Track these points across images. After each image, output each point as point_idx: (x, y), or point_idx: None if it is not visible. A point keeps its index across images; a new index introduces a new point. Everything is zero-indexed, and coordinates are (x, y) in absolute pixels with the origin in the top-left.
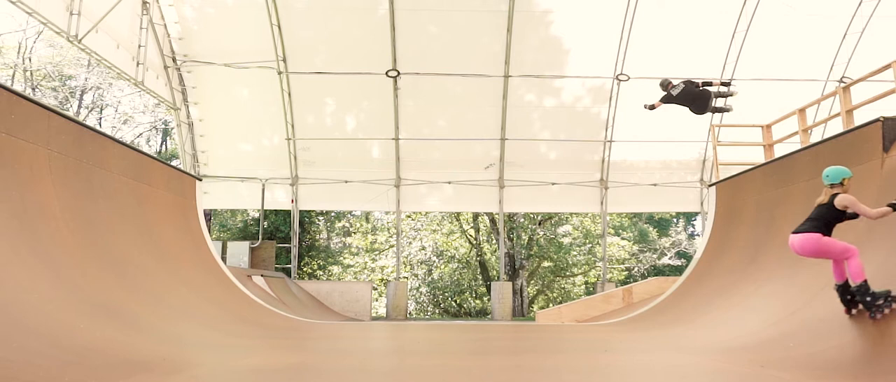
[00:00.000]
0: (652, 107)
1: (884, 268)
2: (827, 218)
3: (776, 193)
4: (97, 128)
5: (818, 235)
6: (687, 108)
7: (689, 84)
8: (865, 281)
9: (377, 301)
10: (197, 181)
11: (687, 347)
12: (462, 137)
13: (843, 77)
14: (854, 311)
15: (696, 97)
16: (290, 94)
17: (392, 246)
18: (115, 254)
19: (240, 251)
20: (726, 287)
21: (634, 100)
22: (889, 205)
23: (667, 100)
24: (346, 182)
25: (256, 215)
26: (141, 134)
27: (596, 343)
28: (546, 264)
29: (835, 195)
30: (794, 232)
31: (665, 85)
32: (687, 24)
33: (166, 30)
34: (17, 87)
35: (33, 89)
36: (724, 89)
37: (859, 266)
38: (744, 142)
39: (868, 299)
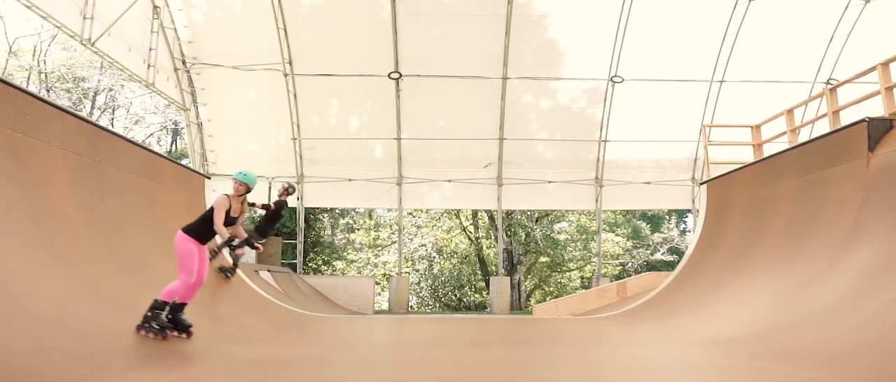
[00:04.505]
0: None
1: (879, 256)
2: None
3: (765, 191)
4: (109, 128)
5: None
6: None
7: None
8: (166, 303)
9: (380, 295)
10: (206, 179)
11: (678, 339)
12: (462, 137)
13: (830, 79)
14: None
15: (271, 219)
16: (295, 95)
17: (394, 243)
18: (126, 250)
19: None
20: (717, 281)
21: (628, 102)
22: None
23: (272, 208)
24: (350, 180)
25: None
26: (152, 134)
27: (591, 335)
28: (543, 259)
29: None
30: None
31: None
32: (678, 27)
33: (176, 33)
34: (33, 89)
35: (48, 91)
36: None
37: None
38: (734, 141)
39: (149, 314)
